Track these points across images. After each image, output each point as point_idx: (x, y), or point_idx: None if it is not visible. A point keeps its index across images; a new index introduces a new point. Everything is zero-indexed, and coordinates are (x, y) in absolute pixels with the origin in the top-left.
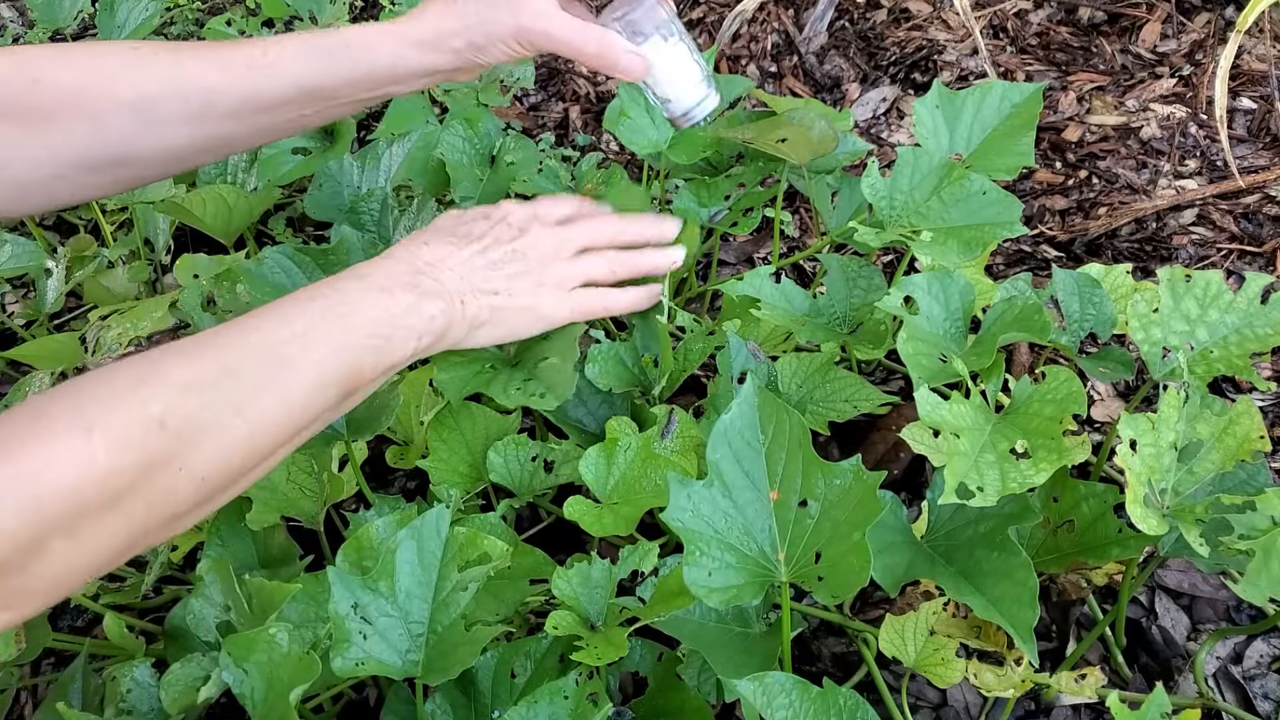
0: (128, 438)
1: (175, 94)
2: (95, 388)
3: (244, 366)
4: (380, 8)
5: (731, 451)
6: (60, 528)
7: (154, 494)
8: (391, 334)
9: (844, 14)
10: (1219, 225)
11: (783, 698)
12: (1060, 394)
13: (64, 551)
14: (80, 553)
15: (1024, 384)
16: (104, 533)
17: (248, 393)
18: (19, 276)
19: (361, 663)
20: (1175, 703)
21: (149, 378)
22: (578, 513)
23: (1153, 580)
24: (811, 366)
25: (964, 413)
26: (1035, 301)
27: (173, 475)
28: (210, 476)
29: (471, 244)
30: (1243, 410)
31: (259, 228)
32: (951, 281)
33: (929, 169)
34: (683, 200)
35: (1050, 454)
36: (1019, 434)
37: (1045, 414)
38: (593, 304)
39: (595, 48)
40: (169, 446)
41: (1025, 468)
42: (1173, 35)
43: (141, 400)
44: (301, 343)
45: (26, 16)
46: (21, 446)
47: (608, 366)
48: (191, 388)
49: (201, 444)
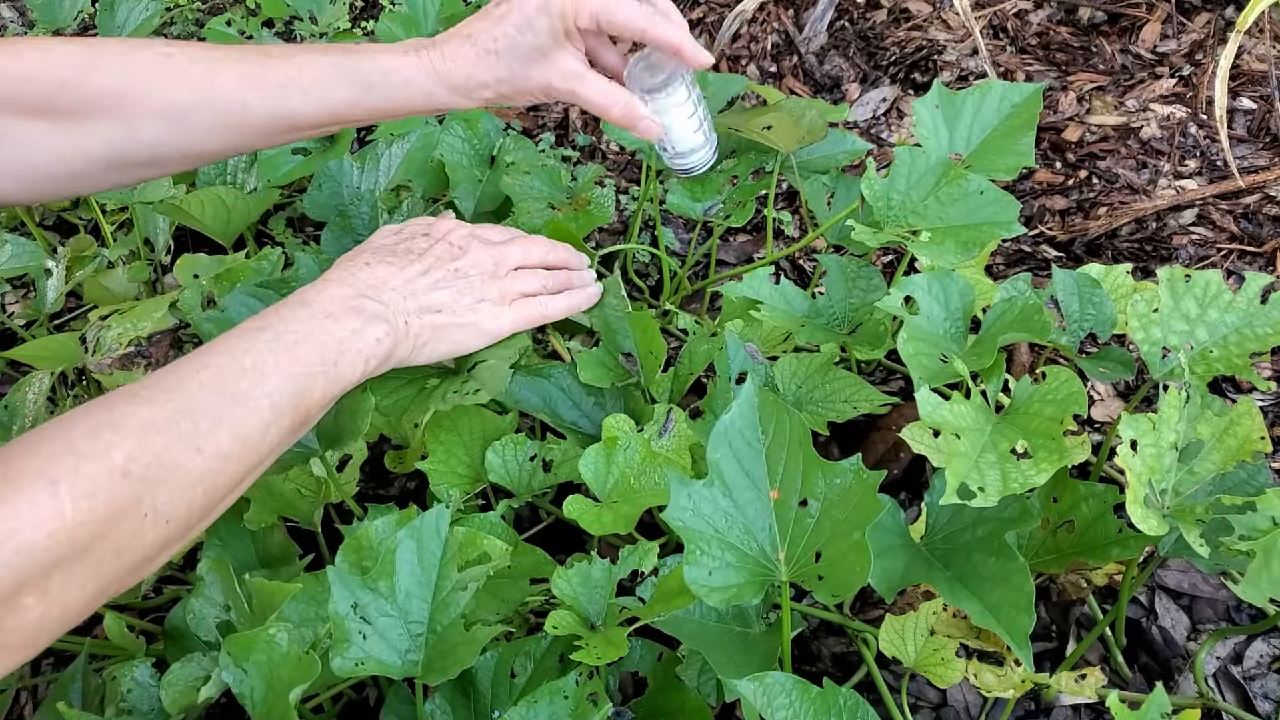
0: (93, 488)
1: (207, 106)
2: (54, 442)
3: (199, 405)
4: (380, 8)
5: (732, 451)
6: (33, 585)
7: (122, 541)
8: (339, 359)
9: (844, 14)
10: (1219, 225)
11: (783, 698)
12: (1061, 394)
13: (37, 608)
14: (53, 606)
15: (1024, 384)
16: (75, 585)
17: (205, 431)
18: (19, 276)
19: (361, 663)
20: (1175, 703)
21: (106, 425)
22: (577, 511)
23: (1153, 580)
24: (811, 367)
25: (965, 413)
26: (1035, 301)
27: (139, 521)
28: (175, 517)
29: (413, 263)
30: (1243, 411)
31: (259, 228)
32: (951, 281)
33: (926, 169)
34: (676, 196)
35: (1051, 454)
36: (1020, 434)
37: (1046, 414)
38: (531, 313)
39: (620, 112)
40: (133, 492)
41: (1026, 468)
42: (1173, 35)
43: (103, 449)
44: (252, 377)
45: (26, 16)
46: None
47: (590, 371)
48: (150, 431)
49: (164, 486)
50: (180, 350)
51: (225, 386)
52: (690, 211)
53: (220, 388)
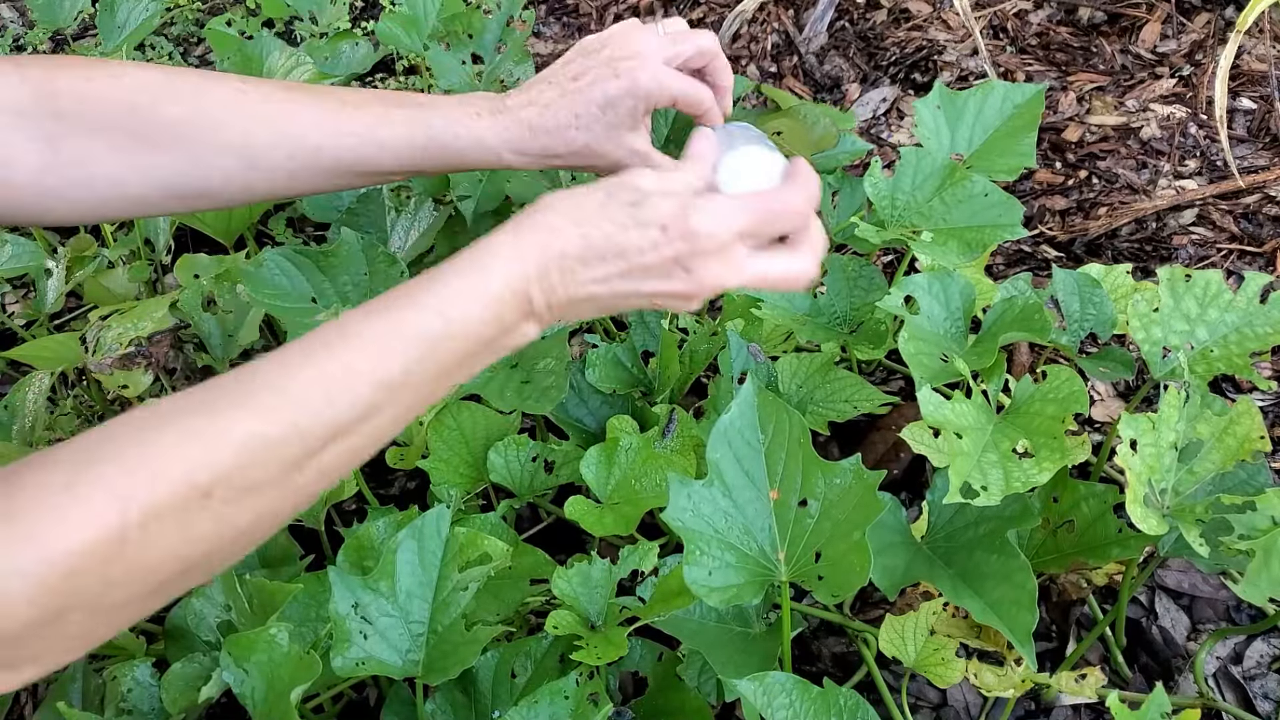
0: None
1: (281, 146)
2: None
3: (318, 422)
4: (380, 8)
5: (731, 451)
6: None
7: (190, 560)
8: (477, 361)
9: (844, 14)
10: (1219, 225)
11: (783, 697)
12: (1062, 393)
13: (83, 623)
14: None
15: (1025, 384)
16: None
17: (313, 448)
18: (19, 276)
19: (362, 662)
20: (1175, 702)
21: (202, 433)
22: (578, 512)
23: (1153, 580)
24: (812, 366)
25: (966, 412)
26: (1035, 301)
27: (213, 543)
28: (255, 535)
29: (617, 297)
30: (1243, 410)
31: (259, 228)
32: (952, 281)
33: (931, 170)
34: None
35: (1053, 453)
36: (1021, 433)
37: (1047, 413)
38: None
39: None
40: (213, 516)
41: (1029, 467)
42: (1173, 35)
43: (188, 467)
44: (391, 389)
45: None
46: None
47: (606, 369)
48: (250, 449)
49: (250, 508)
50: (181, 351)
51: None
52: None
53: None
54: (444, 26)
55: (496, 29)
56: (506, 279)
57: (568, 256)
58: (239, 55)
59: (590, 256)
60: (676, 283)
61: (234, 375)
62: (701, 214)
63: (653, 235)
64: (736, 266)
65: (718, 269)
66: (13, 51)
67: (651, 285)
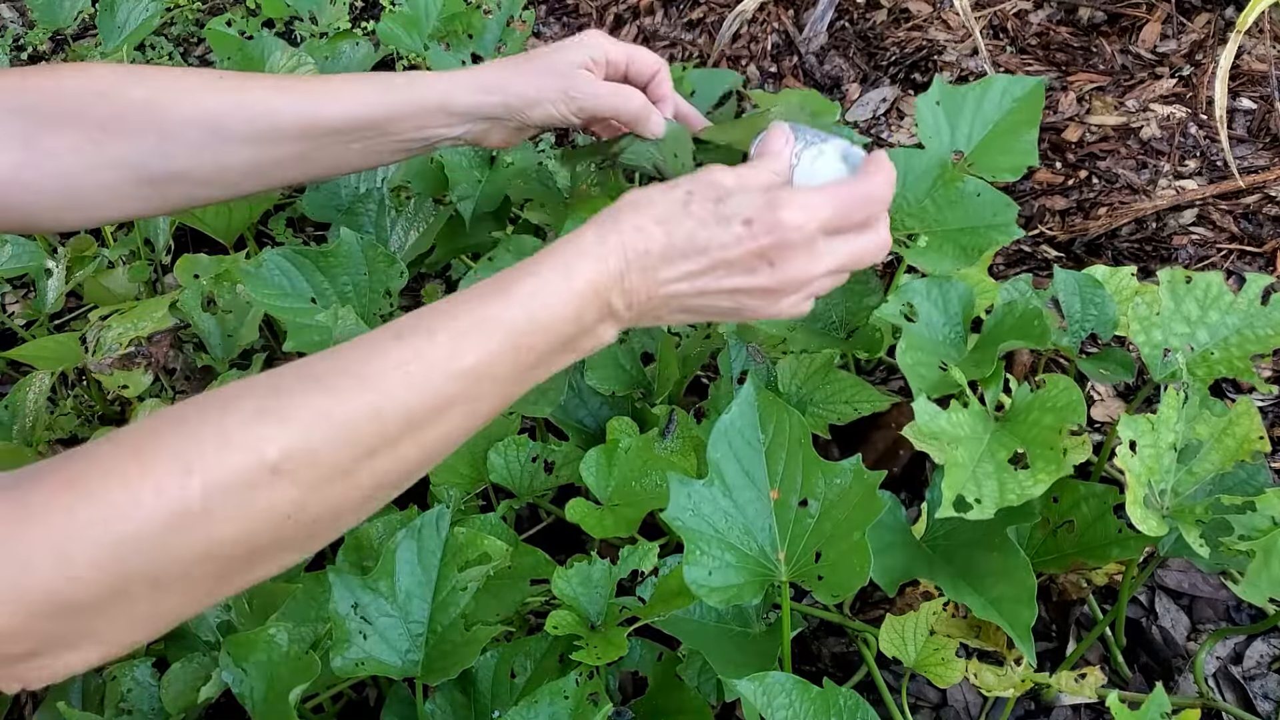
0: (233, 486)
1: (240, 112)
2: (204, 421)
3: (393, 405)
4: (380, 8)
5: (732, 451)
6: (145, 577)
7: (256, 544)
8: (555, 360)
9: (844, 14)
10: (1219, 225)
11: (783, 697)
12: (1060, 402)
13: (148, 598)
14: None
15: (1024, 391)
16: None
17: (391, 437)
18: (19, 276)
19: (361, 662)
20: (1175, 702)
21: (272, 411)
22: (579, 515)
23: (1153, 580)
24: (811, 368)
25: (963, 422)
26: (1034, 307)
27: (279, 522)
28: (324, 519)
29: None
30: (1242, 411)
31: (259, 228)
32: (951, 287)
33: (922, 170)
34: None
35: (1049, 464)
36: (1018, 442)
37: (1045, 423)
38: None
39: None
40: (282, 494)
41: (1024, 478)
42: (1173, 35)
43: (257, 441)
44: (469, 380)
45: (27, 17)
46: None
47: (606, 371)
48: (322, 428)
49: (321, 492)
50: (181, 351)
51: (433, 390)
52: None
53: (427, 391)
54: (444, 26)
55: (497, 29)
56: (589, 278)
57: (650, 255)
58: (240, 55)
59: (673, 254)
60: (761, 277)
61: (310, 359)
62: (787, 207)
63: (737, 230)
64: (818, 256)
65: (802, 261)
66: (13, 51)
67: (734, 280)
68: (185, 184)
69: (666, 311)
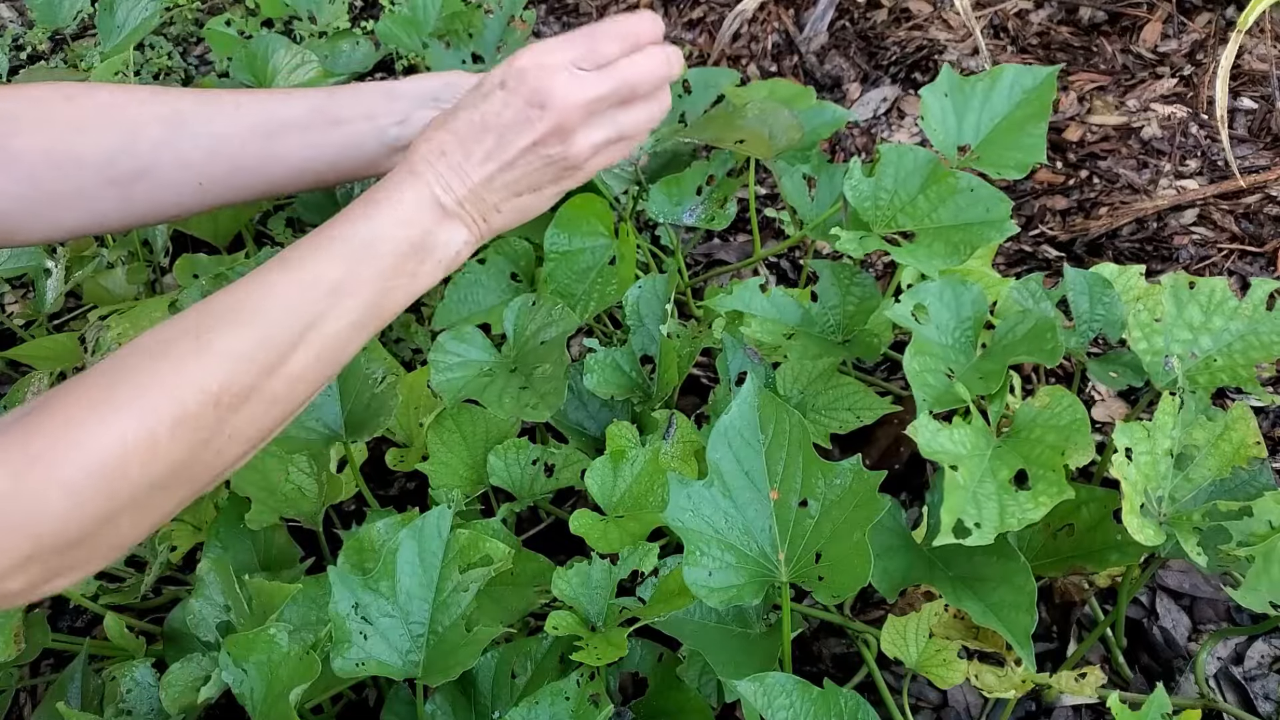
0: (189, 416)
1: (200, 113)
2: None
3: (284, 329)
4: (380, 7)
5: (731, 451)
6: (131, 505)
7: (208, 461)
8: (418, 269)
9: (844, 14)
10: (1220, 225)
11: (783, 698)
12: (1063, 420)
13: (130, 523)
14: (143, 521)
15: (1027, 408)
16: (165, 503)
17: (284, 354)
18: (18, 276)
19: (362, 663)
20: (1176, 703)
21: (199, 353)
22: (584, 528)
23: (1154, 581)
24: (813, 372)
25: (964, 439)
26: (1048, 319)
27: (223, 442)
28: (251, 437)
29: (508, 167)
30: (1238, 416)
31: (258, 228)
32: (965, 289)
33: (914, 166)
34: (655, 200)
35: (1051, 486)
36: (1020, 461)
37: (1048, 441)
38: (614, 156)
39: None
40: (221, 418)
41: (1025, 501)
42: (1173, 35)
43: (198, 378)
44: (335, 295)
45: (26, 16)
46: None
47: (605, 375)
48: (241, 358)
49: (244, 410)
50: None
51: (308, 309)
52: (671, 216)
53: (303, 310)
54: (444, 25)
55: (497, 28)
56: (412, 188)
57: (448, 153)
58: (244, 53)
59: (467, 141)
60: (542, 123)
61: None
62: (523, 54)
63: (498, 95)
64: (580, 81)
65: (564, 89)
66: (12, 51)
67: (523, 138)
68: (149, 183)
69: (498, 198)
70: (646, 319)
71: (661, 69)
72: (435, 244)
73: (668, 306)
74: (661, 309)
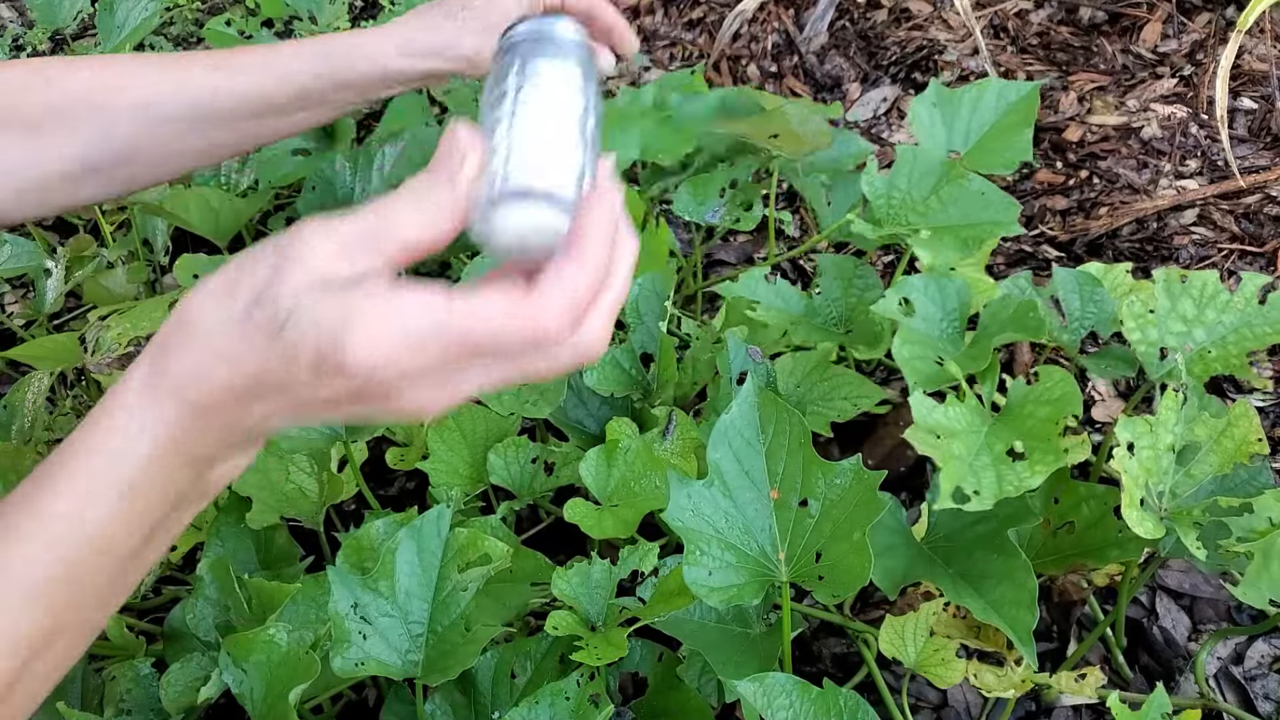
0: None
1: (181, 92)
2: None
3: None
4: (380, 8)
5: (732, 451)
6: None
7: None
8: (207, 494)
9: (844, 14)
10: (1220, 225)
11: (783, 698)
12: (1055, 394)
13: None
14: None
15: (1019, 385)
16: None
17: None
18: (18, 276)
19: (361, 663)
20: (1176, 703)
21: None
22: (578, 515)
23: (1154, 580)
24: (809, 364)
25: (959, 415)
26: (1029, 299)
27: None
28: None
29: (301, 408)
30: (1240, 413)
31: (259, 228)
32: (948, 283)
33: (928, 168)
34: (682, 199)
35: (1046, 455)
36: (1015, 435)
37: (1041, 415)
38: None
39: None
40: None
41: (1021, 470)
42: (1173, 35)
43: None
44: (101, 543)
45: (26, 16)
46: None
47: (605, 372)
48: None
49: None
50: None
51: (72, 551)
52: (695, 215)
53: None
54: None
55: None
56: (148, 453)
57: (216, 408)
58: None
59: (246, 398)
60: (361, 407)
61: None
62: (353, 348)
63: (303, 376)
64: (451, 390)
65: (409, 397)
66: (12, 51)
67: (335, 412)
68: (130, 166)
69: (289, 427)
70: (646, 316)
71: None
72: (207, 490)
73: (666, 304)
74: (661, 306)
